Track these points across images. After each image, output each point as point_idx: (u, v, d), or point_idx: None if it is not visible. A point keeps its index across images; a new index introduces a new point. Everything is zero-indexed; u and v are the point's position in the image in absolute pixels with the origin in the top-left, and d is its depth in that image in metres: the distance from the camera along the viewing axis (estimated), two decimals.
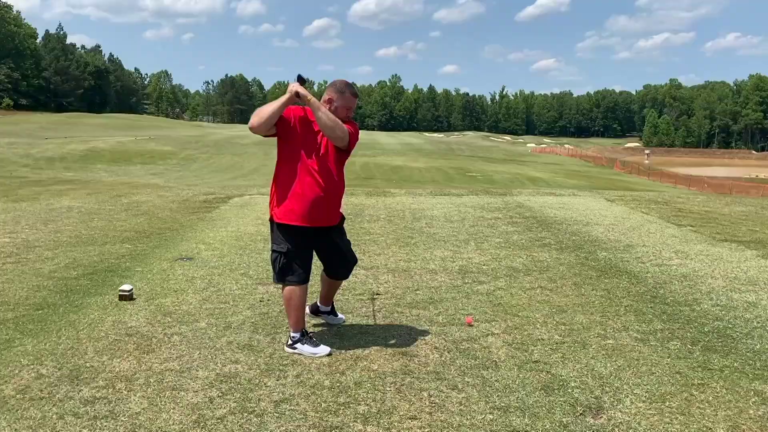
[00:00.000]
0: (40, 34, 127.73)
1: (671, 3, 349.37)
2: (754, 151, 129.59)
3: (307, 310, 4.17)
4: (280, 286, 3.86)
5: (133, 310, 4.51)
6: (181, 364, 3.54)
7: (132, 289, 4.82)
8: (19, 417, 2.89)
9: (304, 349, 3.71)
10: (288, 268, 3.72)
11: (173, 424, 2.86)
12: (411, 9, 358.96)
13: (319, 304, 4.30)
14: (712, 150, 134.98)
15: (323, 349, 3.72)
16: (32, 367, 3.47)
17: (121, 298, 4.72)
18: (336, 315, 4.34)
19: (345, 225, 4.04)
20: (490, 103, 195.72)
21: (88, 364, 3.51)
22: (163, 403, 3.05)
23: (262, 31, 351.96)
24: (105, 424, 2.84)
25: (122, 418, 2.89)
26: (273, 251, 3.77)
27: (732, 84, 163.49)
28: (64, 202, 10.96)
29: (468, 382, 3.33)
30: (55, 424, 2.84)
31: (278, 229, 3.72)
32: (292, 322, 3.80)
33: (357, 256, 4.16)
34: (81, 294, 4.96)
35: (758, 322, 4.39)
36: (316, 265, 3.97)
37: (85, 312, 4.47)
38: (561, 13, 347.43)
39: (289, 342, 3.77)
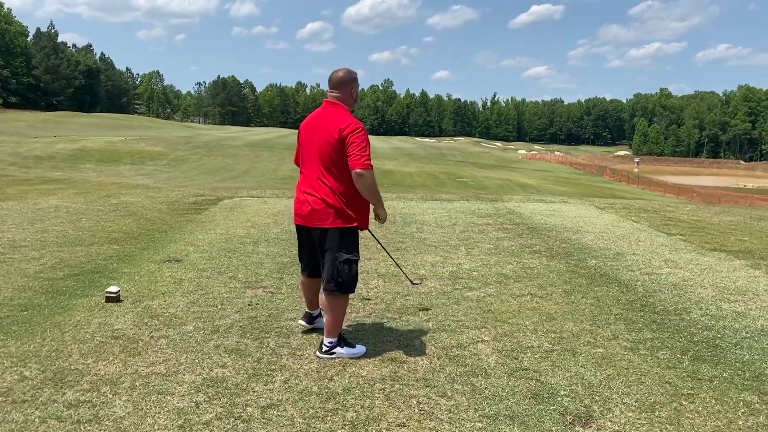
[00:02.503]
0: (31, 32, 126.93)
1: (663, 13, 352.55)
2: (742, 161, 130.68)
3: (304, 322, 4.19)
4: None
5: (119, 313, 4.46)
6: (168, 367, 3.50)
7: (119, 290, 4.77)
8: (1, 420, 2.84)
9: (343, 352, 3.77)
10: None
11: (158, 428, 2.82)
12: (405, 14, 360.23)
13: (309, 310, 4.25)
14: (701, 159, 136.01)
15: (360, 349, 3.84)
16: (15, 369, 3.42)
17: (108, 299, 4.67)
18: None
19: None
20: (481, 109, 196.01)
21: (72, 367, 3.46)
22: (148, 407, 3.01)
23: (256, 33, 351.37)
24: (89, 428, 2.80)
25: (106, 422, 2.85)
26: None
27: (721, 94, 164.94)
28: (52, 201, 10.86)
29: (457, 389, 3.31)
30: (37, 427, 2.79)
31: None
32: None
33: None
34: (67, 295, 4.90)
35: (747, 333, 4.40)
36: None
37: (71, 313, 4.41)
38: (554, 21, 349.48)
39: (324, 349, 3.77)
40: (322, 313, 4.05)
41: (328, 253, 3.73)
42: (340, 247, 3.69)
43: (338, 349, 3.75)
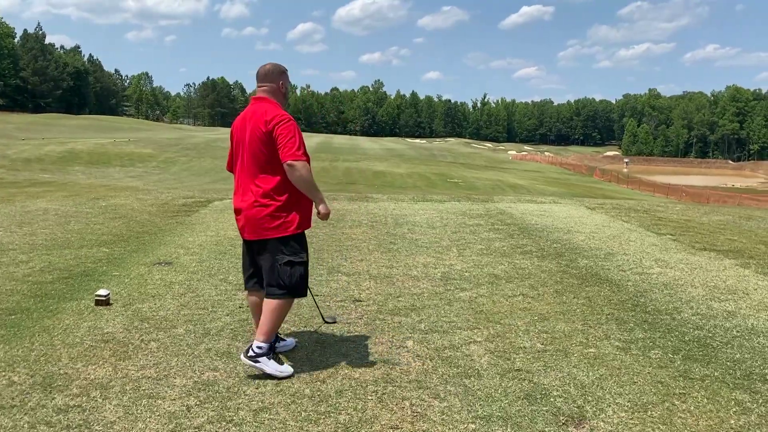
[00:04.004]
0: (19, 33, 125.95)
1: (652, 14, 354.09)
2: (730, 161, 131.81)
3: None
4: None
5: (109, 316, 4.43)
6: (158, 371, 3.47)
7: (109, 294, 4.73)
8: None
9: (269, 364, 3.45)
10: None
11: None
12: (395, 15, 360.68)
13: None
14: (690, 159, 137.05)
15: (287, 369, 3.50)
16: (3, 374, 3.38)
17: (98, 303, 4.63)
18: (284, 340, 3.93)
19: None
20: (471, 110, 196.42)
21: (62, 371, 3.43)
22: (139, 411, 2.98)
23: (246, 34, 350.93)
24: None
25: (96, 427, 2.82)
26: None
27: (709, 95, 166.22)
28: (40, 204, 10.77)
29: (450, 390, 3.30)
30: None
31: None
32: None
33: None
34: (56, 299, 4.85)
35: (737, 332, 4.42)
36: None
37: (60, 317, 4.37)
38: (544, 22, 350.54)
39: (251, 353, 3.45)
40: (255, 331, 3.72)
41: (266, 258, 3.54)
42: (279, 251, 3.51)
43: (264, 360, 3.42)
